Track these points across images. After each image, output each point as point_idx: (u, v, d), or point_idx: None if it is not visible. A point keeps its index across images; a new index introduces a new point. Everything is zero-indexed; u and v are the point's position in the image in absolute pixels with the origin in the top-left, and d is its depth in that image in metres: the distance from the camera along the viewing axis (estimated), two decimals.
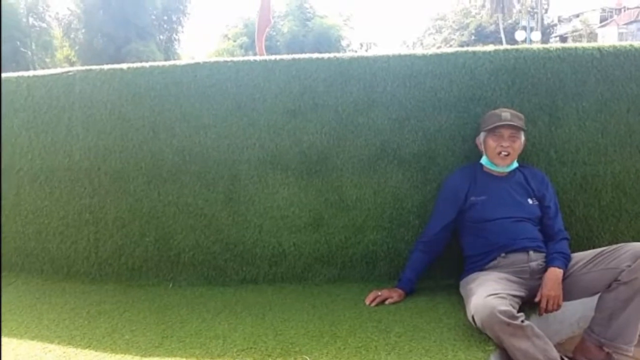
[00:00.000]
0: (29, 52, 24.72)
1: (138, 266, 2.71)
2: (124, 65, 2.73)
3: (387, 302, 2.25)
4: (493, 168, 2.28)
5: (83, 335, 2.06)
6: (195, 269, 2.66)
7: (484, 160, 2.30)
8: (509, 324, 1.75)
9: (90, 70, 2.75)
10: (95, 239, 2.75)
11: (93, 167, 2.72)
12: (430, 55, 2.54)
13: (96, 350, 1.92)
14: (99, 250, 2.75)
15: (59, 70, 2.84)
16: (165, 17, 26.82)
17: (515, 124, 2.20)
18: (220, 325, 2.10)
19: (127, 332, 2.08)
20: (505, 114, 2.22)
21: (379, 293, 2.28)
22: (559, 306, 2.03)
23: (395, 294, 2.27)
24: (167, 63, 2.75)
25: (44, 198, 2.80)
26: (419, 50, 2.69)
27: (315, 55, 2.59)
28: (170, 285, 2.64)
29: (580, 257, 2.13)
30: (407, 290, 2.31)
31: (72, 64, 24.19)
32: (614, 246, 2.04)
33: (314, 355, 1.79)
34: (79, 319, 2.24)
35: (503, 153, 2.22)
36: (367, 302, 2.26)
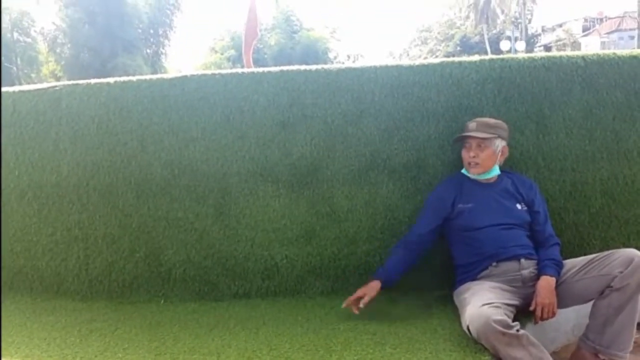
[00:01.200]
0: (14, 68, 24.57)
1: (129, 283, 2.68)
2: (111, 80, 2.72)
3: (361, 302, 2.17)
4: (473, 177, 2.30)
5: (75, 354, 2.02)
6: (186, 285, 2.63)
7: (463, 170, 2.35)
8: (504, 334, 1.74)
9: (77, 84, 2.73)
10: (85, 255, 2.71)
11: (81, 182, 2.69)
12: (417, 65, 2.55)
13: None
14: (89, 267, 2.71)
15: (45, 85, 2.82)
16: (152, 31, 26.78)
17: (477, 135, 2.22)
18: (213, 342, 2.08)
19: (120, 350, 2.05)
20: (472, 124, 2.27)
21: (355, 295, 2.21)
22: (554, 314, 2.03)
23: (370, 290, 2.19)
24: (154, 76, 2.74)
25: (32, 215, 2.77)
26: (405, 61, 2.72)
27: (303, 67, 2.60)
28: (162, 301, 2.61)
29: (572, 264, 2.14)
30: (382, 280, 2.23)
31: (58, 79, 24.05)
32: (606, 253, 2.05)
33: None
34: (71, 338, 2.20)
35: (473, 163, 2.25)
36: (344, 305, 2.22)
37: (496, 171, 2.30)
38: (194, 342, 2.09)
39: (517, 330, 1.77)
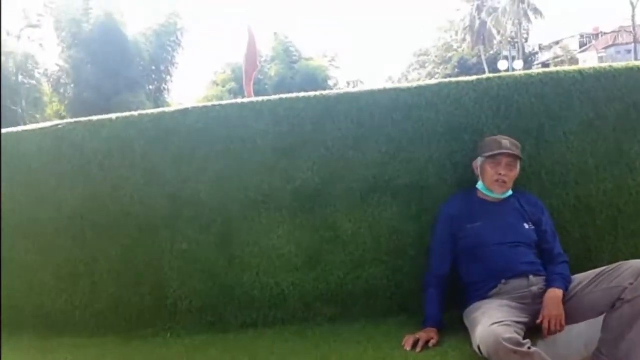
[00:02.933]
0: (19, 110, 24.89)
1: (135, 317, 2.66)
2: (113, 116, 2.76)
3: (430, 344, 2.08)
4: (488, 194, 2.28)
5: None
6: (193, 316, 2.61)
7: (479, 186, 2.30)
8: (515, 352, 1.72)
9: (79, 122, 2.77)
10: (91, 291, 2.70)
11: (84, 218, 2.70)
12: (415, 87, 2.57)
13: None
14: (95, 303, 2.70)
15: (48, 124, 2.86)
16: (154, 67, 27.15)
17: (514, 152, 2.22)
18: None
19: None
20: (505, 142, 2.24)
21: (417, 336, 2.12)
22: (562, 326, 1.99)
23: (433, 334, 2.11)
24: (155, 110, 2.78)
25: (35, 252, 2.77)
26: (403, 84, 2.74)
27: (302, 94, 2.63)
28: (169, 335, 2.58)
29: (581, 278, 2.11)
30: (439, 328, 2.18)
31: (62, 118, 24.33)
32: (615, 265, 2.03)
33: None
34: None
35: (500, 181, 2.22)
36: (408, 348, 2.08)
37: (510, 192, 2.29)
38: None
39: (529, 348, 1.74)
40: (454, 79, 2.64)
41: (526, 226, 2.24)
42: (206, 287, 2.61)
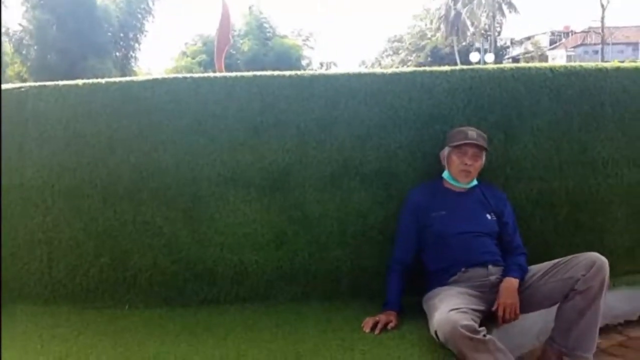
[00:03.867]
0: None
1: (93, 287, 2.61)
2: (79, 82, 2.66)
3: (389, 327, 2.12)
4: (453, 183, 2.32)
5: None
6: (152, 290, 2.58)
7: (445, 175, 2.34)
8: (471, 339, 1.77)
9: (44, 86, 2.67)
10: (48, 259, 2.63)
11: (46, 185, 2.62)
12: (390, 74, 2.58)
13: None
14: (52, 271, 2.63)
15: (10, 86, 2.75)
16: (122, 35, 26.39)
17: (480, 143, 2.26)
18: (180, 348, 2.04)
19: (82, 356, 2.00)
20: (472, 132, 2.28)
21: (377, 318, 2.16)
22: (516, 315, 2.06)
23: (393, 317, 2.16)
24: (123, 79, 2.70)
25: None
26: (378, 70, 2.74)
27: (276, 73, 2.60)
28: (127, 307, 2.55)
29: (536, 269, 2.19)
30: (398, 312, 2.22)
31: (24, 80, 23.44)
32: (569, 257, 2.11)
33: None
34: (31, 344, 2.14)
35: (465, 170, 2.26)
36: (367, 329, 2.12)
37: (475, 182, 2.33)
38: (159, 348, 2.05)
39: (484, 336, 1.79)
40: (428, 68, 2.66)
41: (488, 217, 2.30)
42: (168, 261, 2.58)
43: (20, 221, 2.65)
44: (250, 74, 2.60)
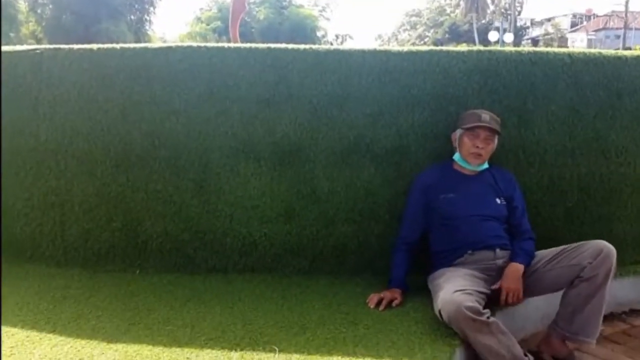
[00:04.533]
0: None
1: (105, 251, 2.66)
2: (94, 46, 2.66)
3: (393, 304, 2.16)
4: (464, 165, 2.31)
5: (47, 320, 2.02)
6: (163, 257, 2.63)
7: (456, 157, 2.33)
8: (474, 320, 1.79)
9: (59, 49, 2.67)
10: (61, 222, 2.68)
11: (60, 148, 2.65)
12: (406, 52, 2.55)
13: (61, 335, 1.89)
14: (64, 234, 2.68)
15: (26, 47, 2.75)
16: None
17: (493, 127, 2.24)
18: (188, 314, 2.09)
19: (93, 317, 2.05)
20: (485, 115, 2.26)
21: (381, 295, 2.19)
22: (518, 299, 2.09)
23: (397, 295, 2.20)
24: (138, 45, 2.70)
25: (9, 179, 2.72)
26: (394, 47, 2.71)
27: (291, 46, 2.58)
28: (137, 271, 2.60)
29: (543, 254, 2.19)
30: (403, 289, 2.25)
31: (38, 40, 23.41)
32: (576, 244, 2.11)
33: (283, 346, 1.80)
34: (43, 303, 2.20)
35: (476, 153, 2.25)
36: (372, 305, 2.17)
37: (486, 165, 2.33)
38: (168, 313, 2.10)
39: (488, 318, 1.82)
40: (444, 48, 2.64)
41: (498, 201, 2.30)
42: (178, 229, 2.62)
43: (34, 183, 2.69)
44: (264, 45, 2.59)
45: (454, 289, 1.92)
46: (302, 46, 2.57)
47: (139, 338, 1.87)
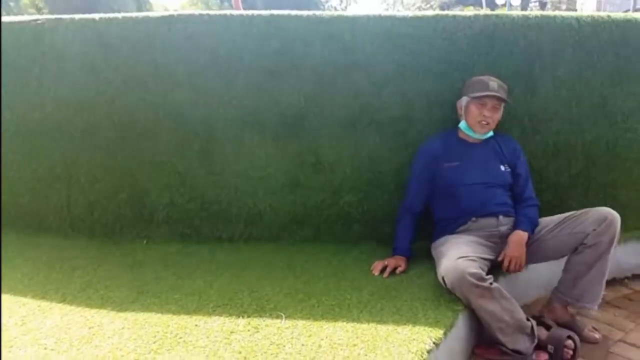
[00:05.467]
0: None
1: (112, 222, 2.69)
2: (96, 16, 2.64)
3: (397, 271, 2.19)
4: (470, 134, 2.30)
5: (57, 290, 2.06)
6: (169, 227, 2.66)
7: (462, 125, 2.32)
8: (477, 286, 1.81)
9: (61, 19, 2.64)
10: (67, 194, 2.71)
11: (65, 120, 2.65)
12: (411, 17, 2.51)
13: (71, 305, 1.92)
14: (71, 206, 2.71)
15: (27, 17, 2.73)
16: None
17: (500, 95, 2.21)
18: (195, 282, 2.12)
19: (102, 287, 2.09)
20: (493, 83, 2.22)
21: (386, 262, 2.22)
22: (521, 267, 2.10)
23: (401, 262, 2.22)
24: (140, 14, 2.66)
25: (15, 151, 2.73)
26: (399, 12, 2.67)
27: (294, 13, 2.54)
28: (145, 242, 2.63)
29: (547, 221, 2.20)
30: (407, 257, 2.28)
31: (38, 10, 23.10)
32: (580, 211, 2.11)
33: (289, 312, 1.83)
34: (53, 274, 2.23)
35: (483, 122, 2.24)
36: (376, 273, 2.19)
37: (491, 133, 2.31)
38: (176, 282, 2.13)
39: (490, 284, 1.83)
40: (451, 13, 2.59)
41: (502, 168, 2.29)
42: (184, 200, 2.64)
43: (41, 156, 2.70)
44: (267, 12, 2.55)
45: (457, 255, 1.93)
46: (305, 13, 2.53)
47: (147, 306, 1.91)
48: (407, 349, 1.58)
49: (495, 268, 2.09)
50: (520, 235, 2.13)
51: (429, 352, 1.59)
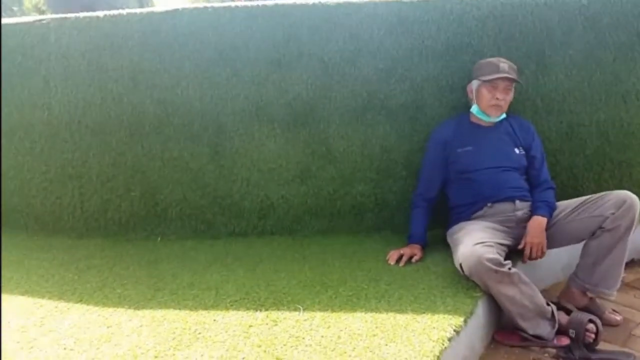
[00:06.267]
0: None
1: (125, 221, 2.69)
2: (100, 13, 2.63)
3: (413, 260, 2.17)
4: (482, 117, 2.26)
5: (74, 290, 2.06)
6: (183, 223, 2.65)
7: (474, 109, 2.27)
8: (496, 272, 1.78)
9: (65, 18, 2.64)
10: (80, 193, 2.71)
11: (73, 120, 2.65)
12: (418, 1, 2.48)
13: (88, 304, 1.92)
14: (84, 205, 2.71)
15: (31, 18, 2.72)
16: None
17: (512, 76, 2.17)
18: (212, 278, 2.12)
19: (118, 286, 2.08)
20: (504, 64, 2.17)
21: (401, 252, 2.21)
22: (543, 253, 2.07)
23: (417, 251, 2.21)
24: (144, 10, 2.65)
25: (25, 153, 2.74)
26: None
27: (299, 1, 2.51)
28: (159, 239, 2.63)
29: (565, 205, 2.16)
30: (423, 245, 2.27)
31: (41, 12, 23.14)
32: (598, 194, 2.07)
33: (307, 304, 1.82)
34: (69, 274, 2.24)
35: (496, 105, 2.20)
36: (392, 262, 2.18)
37: (504, 115, 2.27)
38: (192, 278, 2.13)
39: (509, 269, 1.81)
40: None
41: (517, 151, 2.25)
42: (196, 195, 2.63)
43: (50, 157, 2.71)
44: (271, 2, 2.53)
45: (474, 241, 1.90)
46: (310, 1, 2.50)
47: (164, 303, 1.90)
48: (427, 337, 1.56)
49: (513, 253, 2.07)
50: (540, 221, 2.10)
51: (449, 339, 1.57)
